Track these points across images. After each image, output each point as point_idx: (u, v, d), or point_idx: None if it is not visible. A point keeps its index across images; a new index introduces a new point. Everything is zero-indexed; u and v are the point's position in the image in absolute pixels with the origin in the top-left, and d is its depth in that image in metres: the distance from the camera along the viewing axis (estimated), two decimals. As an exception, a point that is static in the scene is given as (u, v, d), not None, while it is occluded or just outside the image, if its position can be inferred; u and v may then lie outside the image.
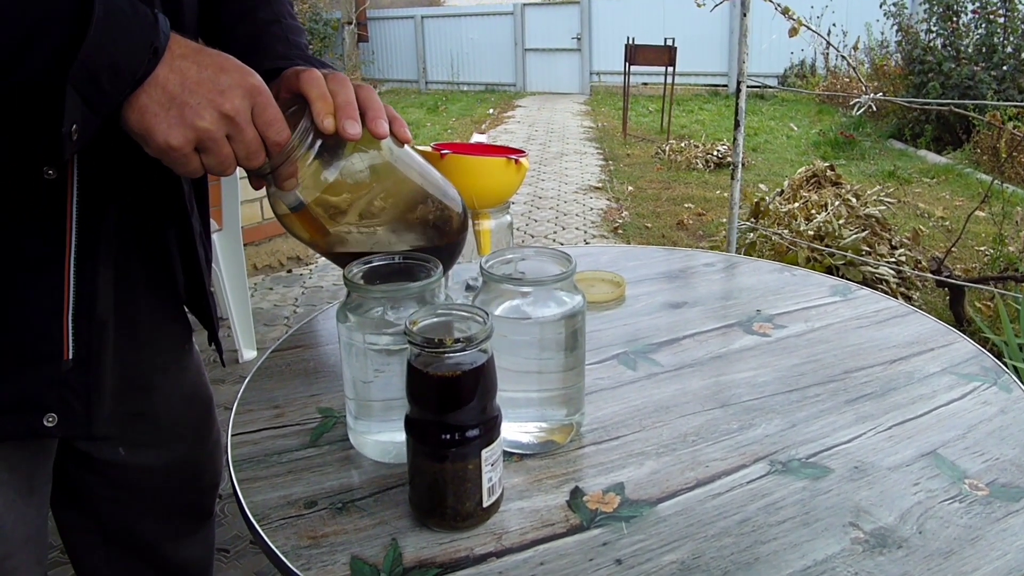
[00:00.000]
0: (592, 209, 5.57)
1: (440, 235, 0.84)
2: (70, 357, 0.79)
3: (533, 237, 4.85)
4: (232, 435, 0.86)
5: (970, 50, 7.35)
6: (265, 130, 0.72)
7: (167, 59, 0.67)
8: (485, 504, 0.70)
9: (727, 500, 0.74)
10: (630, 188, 6.11)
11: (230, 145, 0.71)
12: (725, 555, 0.67)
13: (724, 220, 4.40)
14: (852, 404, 0.91)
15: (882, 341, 1.07)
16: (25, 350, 0.77)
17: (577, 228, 5.08)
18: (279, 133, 0.72)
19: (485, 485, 0.69)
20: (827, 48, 10.32)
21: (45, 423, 0.79)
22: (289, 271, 4.18)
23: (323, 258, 0.86)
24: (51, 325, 0.77)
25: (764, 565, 0.66)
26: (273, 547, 0.68)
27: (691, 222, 5.05)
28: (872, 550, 0.67)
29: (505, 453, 0.75)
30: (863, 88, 2.92)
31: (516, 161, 1.08)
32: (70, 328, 0.78)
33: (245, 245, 3.06)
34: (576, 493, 0.76)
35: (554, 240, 4.79)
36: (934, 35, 7.60)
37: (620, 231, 4.97)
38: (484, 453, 0.68)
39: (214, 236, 2.82)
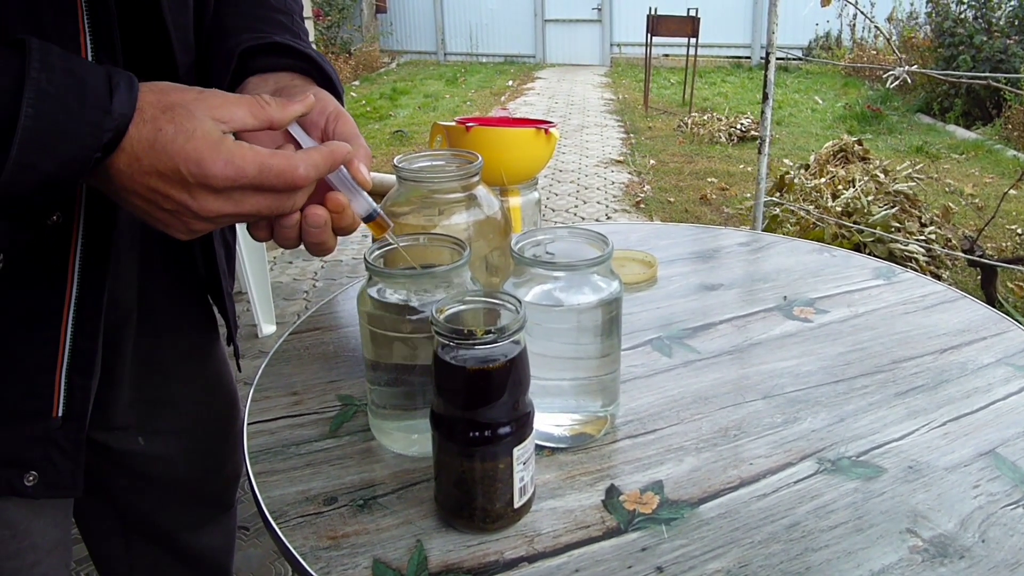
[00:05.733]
0: (613, 183, 5.49)
1: None
2: (60, 415, 0.73)
3: (554, 211, 4.79)
4: (248, 424, 0.82)
5: (1002, 22, 7.17)
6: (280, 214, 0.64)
7: (126, 150, 0.57)
8: (516, 505, 0.66)
9: (774, 502, 0.69)
10: (652, 162, 6.01)
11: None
12: (774, 563, 0.62)
13: (748, 195, 4.32)
14: (903, 397, 0.86)
15: (931, 328, 1.01)
16: (11, 405, 0.71)
17: (599, 202, 5.00)
18: (294, 203, 0.64)
19: (516, 485, 0.65)
20: (853, 20, 10.11)
21: (25, 482, 0.73)
22: (307, 244, 4.13)
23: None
24: (42, 380, 0.71)
25: (816, 575, 0.61)
26: (291, 548, 0.64)
27: (714, 197, 4.97)
28: (932, 560, 0.63)
29: (536, 446, 0.70)
30: (897, 60, 2.82)
31: (546, 131, 1.03)
32: (62, 384, 0.72)
33: (263, 218, 3.02)
34: (612, 492, 0.71)
35: (575, 215, 4.72)
36: (965, 7, 7.41)
37: (642, 205, 4.89)
38: (516, 452, 0.63)
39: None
